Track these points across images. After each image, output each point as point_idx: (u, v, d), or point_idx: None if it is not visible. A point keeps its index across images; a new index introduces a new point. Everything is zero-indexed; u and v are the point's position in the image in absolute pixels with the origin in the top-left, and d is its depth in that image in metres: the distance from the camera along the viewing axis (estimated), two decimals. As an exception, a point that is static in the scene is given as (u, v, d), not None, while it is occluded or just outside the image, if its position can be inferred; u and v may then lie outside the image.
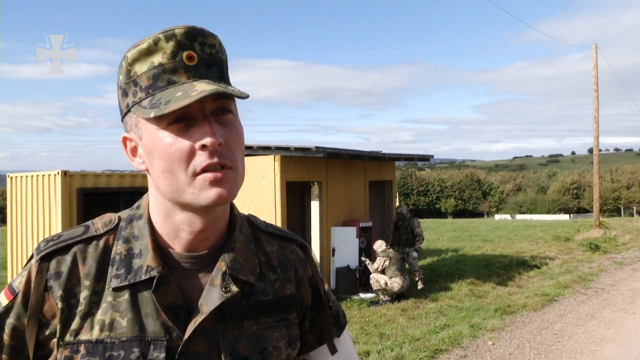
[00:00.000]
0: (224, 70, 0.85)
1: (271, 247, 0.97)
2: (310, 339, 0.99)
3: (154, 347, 0.80)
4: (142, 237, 0.86)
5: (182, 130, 0.79)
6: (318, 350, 0.99)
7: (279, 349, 0.89)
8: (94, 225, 0.89)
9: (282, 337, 0.90)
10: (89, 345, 0.80)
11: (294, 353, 0.93)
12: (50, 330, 0.82)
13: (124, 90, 0.83)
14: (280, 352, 0.89)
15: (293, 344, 0.92)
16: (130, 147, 0.87)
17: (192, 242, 0.86)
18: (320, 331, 0.99)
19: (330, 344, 1.00)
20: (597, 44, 18.54)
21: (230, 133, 0.81)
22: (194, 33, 0.80)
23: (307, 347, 0.99)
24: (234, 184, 0.81)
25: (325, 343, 1.00)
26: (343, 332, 1.04)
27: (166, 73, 0.80)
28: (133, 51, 0.81)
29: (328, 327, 1.00)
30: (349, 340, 1.05)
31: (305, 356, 1.00)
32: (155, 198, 0.87)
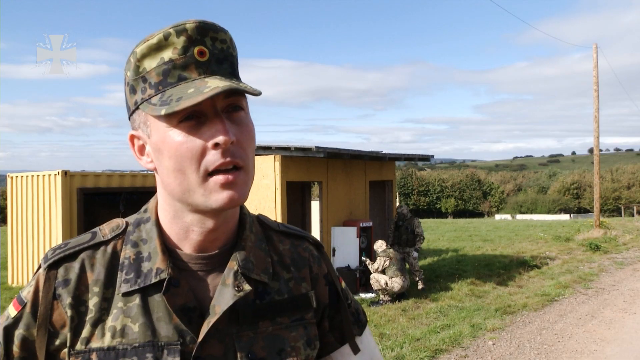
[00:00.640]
0: (235, 66, 0.83)
1: (283, 246, 0.94)
2: (330, 339, 0.96)
3: (167, 352, 0.78)
4: (150, 240, 0.84)
5: (193, 128, 0.76)
6: (340, 351, 0.96)
7: (297, 349, 0.87)
8: (102, 231, 0.87)
9: (300, 337, 0.88)
10: (101, 352, 0.78)
11: (313, 353, 0.90)
12: (60, 340, 0.80)
13: (132, 87, 0.81)
14: (298, 353, 0.86)
15: (312, 344, 0.89)
16: (137, 146, 0.85)
17: (202, 243, 0.84)
18: (341, 330, 0.96)
19: (352, 343, 0.97)
20: (597, 44, 18.56)
21: (242, 131, 0.79)
22: (205, 28, 0.78)
23: (328, 348, 0.95)
24: (244, 186, 0.79)
25: (347, 343, 0.96)
26: (365, 331, 1.00)
27: (177, 69, 0.77)
28: (142, 46, 0.79)
29: (348, 326, 0.97)
30: (371, 338, 1.02)
31: (327, 357, 0.96)
32: (164, 198, 0.85)
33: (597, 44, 18.57)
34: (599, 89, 18.39)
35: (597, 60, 18.44)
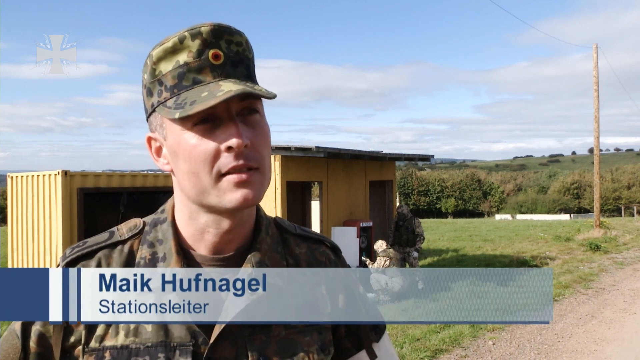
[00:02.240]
0: (251, 69, 0.83)
1: (300, 249, 0.93)
2: (347, 345, 0.93)
3: (179, 353, 0.79)
4: (166, 241, 0.85)
5: (208, 131, 0.77)
6: (356, 357, 0.94)
7: (311, 354, 0.85)
8: (119, 231, 0.88)
9: (314, 342, 0.86)
10: (114, 351, 0.79)
11: (327, 359, 0.88)
12: (75, 337, 0.81)
13: (149, 90, 0.82)
14: (312, 358, 0.85)
15: (326, 349, 0.88)
16: (155, 147, 0.85)
17: (218, 244, 0.84)
18: (357, 336, 0.94)
19: (369, 349, 0.94)
20: (597, 44, 18.55)
21: (257, 134, 0.79)
22: (220, 31, 0.78)
23: (344, 354, 0.93)
24: (260, 185, 0.79)
25: (364, 349, 0.94)
26: (383, 337, 0.97)
27: (191, 72, 0.78)
28: (158, 49, 0.79)
29: (365, 332, 0.94)
30: (389, 345, 0.98)
31: None
32: (180, 199, 0.85)
33: (597, 44, 18.58)
34: (599, 89, 18.40)
35: (597, 60, 18.44)
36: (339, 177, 9.46)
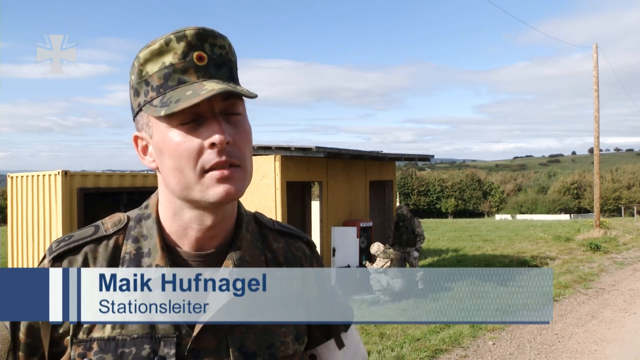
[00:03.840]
0: (234, 71, 0.87)
1: (278, 244, 0.98)
2: (317, 334, 1.00)
3: (164, 344, 0.83)
4: (150, 237, 0.88)
5: (192, 129, 0.80)
6: (325, 345, 1.00)
7: (287, 344, 0.91)
8: (104, 225, 0.91)
9: (290, 333, 0.92)
10: (102, 342, 0.82)
11: (301, 348, 0.94)
12: (64, 329, 0.84)
13: (136, 90, 0.85)
14: (287, 347, 0.91)
15: (300, 338, 0.94)
16: (141, 146, 0.89)
17: (200, 241, 0.88)
18: (327, 326, 1.00)
19: (337, 338, 1.01)
20: (597, 44, 18.55)
21: (239, 133, 0.83)
22: (204, 34, 0.82)
23: (314, 342, 1.00)
24: (241, 181, 0.83)
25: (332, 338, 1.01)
26: (350, 327, 1.04)
27: (177, 73, 0.81)
28: (145, 51, 0.83)
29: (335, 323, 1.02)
30: (356, 334, 1.06)
31: (313, 351, 1.01)
32: (165, 196, 0.88)
33: (597, 44, 18.58)
34: (599, 89, 18.40)
35: (597, 60, 18.44)
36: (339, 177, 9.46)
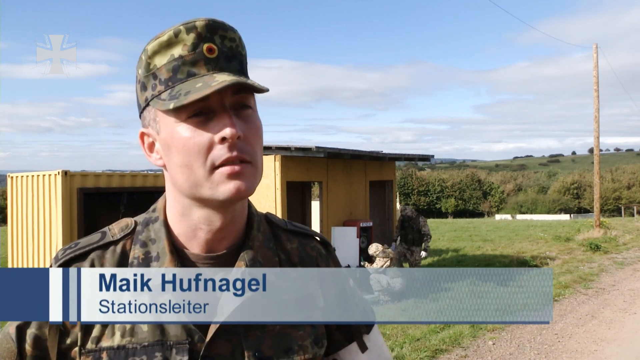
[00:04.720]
0: (244, 65, 0.83)
1: (291, 245, 0.94)
2: (338, 337, 0.95)
3: (176, 351, 0.79)
4: (158, 240, 0.84)
5: (201, 123, 0.77)
6: (347, 349, 0.95)
7: (305, 347, 0.86)
8: (111, 231, 0.87)
9: (308, 336, 0.87)
10: (111, 351, 0.79)
11: (320, 352, 0.89)
12: (71, 339, 0.81)
13: (143, 84, 0.82)
14: (306, 351, 0.86)
15: (319, 342, 0.89)
16: (147, 143, 0.85)
17: (210, 242, 0.84)
18: (348, 328, 0.96)
19: (359, 341, 0.96)
20: (597, 44, 18.55)
21: (249, 128, 0.80)
22: (214, 26, 0.79)
23: (335, 346, 0.95)
24: (252, 178, 0.79)
25: (355, 341, 0.96)
26: (373, 329, 0.99)
27: (186, 65, 0.78)
28: (153, 43, 0.79)
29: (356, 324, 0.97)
30: (379, 336, 1.01)
31: (335, 356, 0.96)
32: (173, 196, 0.85)
33: (597, 44, 18.57)
34: (599, 89, 18.39)
35: (597, 60, 18.44)
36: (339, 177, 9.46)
